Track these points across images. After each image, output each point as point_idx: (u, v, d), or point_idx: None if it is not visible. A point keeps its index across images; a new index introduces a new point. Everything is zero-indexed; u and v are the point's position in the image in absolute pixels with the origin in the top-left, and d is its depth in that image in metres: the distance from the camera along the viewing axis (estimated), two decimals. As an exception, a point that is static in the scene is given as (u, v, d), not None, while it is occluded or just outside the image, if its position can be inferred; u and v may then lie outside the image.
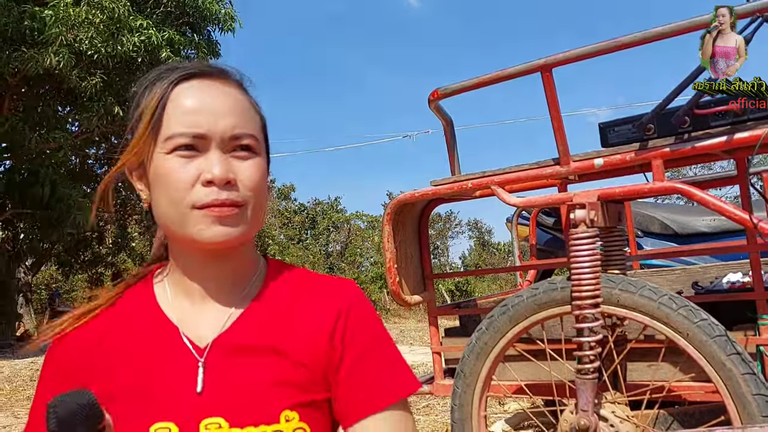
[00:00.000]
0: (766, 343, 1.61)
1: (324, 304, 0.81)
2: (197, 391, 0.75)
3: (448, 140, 1.99)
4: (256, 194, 0.78)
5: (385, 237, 1.97)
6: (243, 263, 0.83)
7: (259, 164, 0.79)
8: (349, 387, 0.78)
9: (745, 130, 1.40)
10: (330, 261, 22.80)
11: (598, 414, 1.59)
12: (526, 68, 1.54)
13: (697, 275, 2.30)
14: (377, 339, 0.81)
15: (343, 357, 0.78)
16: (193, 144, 0.75)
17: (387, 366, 0.80)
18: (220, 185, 0.74)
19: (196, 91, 0.77)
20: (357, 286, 0.86)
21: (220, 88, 0.79)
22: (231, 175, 0.75)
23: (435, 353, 2.14)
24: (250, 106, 0.81)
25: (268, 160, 0.85)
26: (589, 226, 1.53)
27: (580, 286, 1.53)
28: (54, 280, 18.66)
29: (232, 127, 0.76)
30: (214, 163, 0.74)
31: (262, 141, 0.81)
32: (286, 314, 0.80)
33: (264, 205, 0.81)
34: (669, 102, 1.45)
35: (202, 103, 0.76)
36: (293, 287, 0.84)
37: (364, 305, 0.83)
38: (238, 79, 0.83)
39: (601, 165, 1.56)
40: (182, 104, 0.76)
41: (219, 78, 0.80)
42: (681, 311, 1.49)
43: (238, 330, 0.79)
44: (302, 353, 0.78)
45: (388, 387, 0.78)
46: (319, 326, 0.79)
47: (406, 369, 0.82)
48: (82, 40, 9.04)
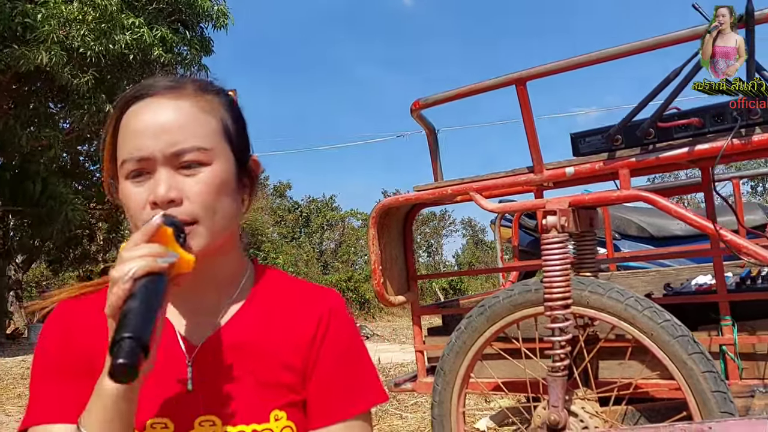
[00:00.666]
0: (728, 343, 1.70)
1: (307, 311, 0.85)
2: (188, 389, 0.79)
3: (431, 147, 2.07)
4: (208, 207, 0.76)
5: (370, 240, 2.05)
6: (224, 270, 0.85)
7: (210, 175, 0.77)
8: (319, 393, 0.82)
9: (706, 142, 1.49)
10: (324, 259, 22.86)
11: (568, 410, 1.68)
12: (501, 81, 1.62)
13: (670, 277, 2.39)
14: (350, 349, 0.85)
15: (317, 363, 0.82)
16: (141, 167, 0.76)
17: (357, 377, 0.85)
18: (162, 206, 0.74)
19: (142, 113, 0.77)
20: (339, 295, 0.90)
21: (167, 105, 0.78)
22: (174, 193, 0.75)
23: (418, 352, 2.22)
24: (202, 115, 0.79)
25: (240, 158, 0.83)
26: (560, 231, 1.61)
27: (551, 288, 1.61)
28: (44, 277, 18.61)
29: (172, 145, 0.75)
30: (158, 183, 0.75)
31: (219, 146, 0.79)
32: (274, 318, 0.84)
33: (227, 212, 0.80)
34: (635, 114, 1.54)
35: (145, 124, 0.76)
36: (280, 292, 0.87)
37: (342, 316, 0.86)
38: (194, 89, 0.81)
39: (572, 174, 1.65)
40: (129, 128, 0.77)
41: (169, 94, 0.79)
42: (646, 312, 1.58)
43: (229, 331, 0.82)
44: (288, 355, 0.82)
45: (354, 397, 0.83)
46: (302, 331, 0.83)
47: (375, 381, 0.87)
48: (74, 37, 9.06)
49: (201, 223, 0.76)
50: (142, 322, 0.61)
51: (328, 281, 17.63)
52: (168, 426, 0.77)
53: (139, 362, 0.59)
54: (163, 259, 0.68)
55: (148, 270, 0.66)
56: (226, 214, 0.79)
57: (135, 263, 0.66)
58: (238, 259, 0.88)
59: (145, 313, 0.63)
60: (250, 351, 0.81)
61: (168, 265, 0.68)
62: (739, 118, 1.43)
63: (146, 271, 0.66)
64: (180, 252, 0.71)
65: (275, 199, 25.17)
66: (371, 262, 2.05)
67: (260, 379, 0.80)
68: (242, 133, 0.86)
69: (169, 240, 0.71)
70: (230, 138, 0.82)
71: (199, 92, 0.81)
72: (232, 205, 0.81)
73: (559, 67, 1.54)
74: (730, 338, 1.69)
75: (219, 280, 0.85)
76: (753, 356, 1.70)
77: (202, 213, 0.76)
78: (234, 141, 0.82)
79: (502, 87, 1.64)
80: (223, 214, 0.79)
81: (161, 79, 0.81)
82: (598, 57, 1.48)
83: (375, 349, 7.77)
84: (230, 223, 0.82)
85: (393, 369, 5.98)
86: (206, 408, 0.78)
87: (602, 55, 1.47)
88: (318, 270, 20.39)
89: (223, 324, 0.83)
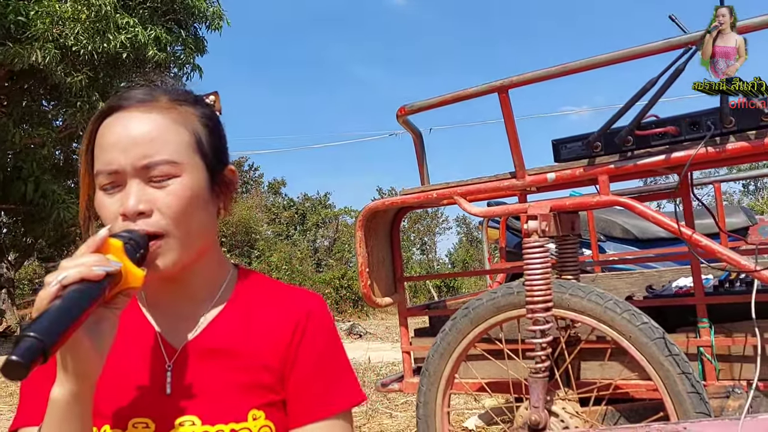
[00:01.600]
0: (705, 344, 1.74)
1: (286, 314, 0.87)
2: (167, 392, 0.82)
3: (417, 152, 2.10)
4: (178, 220, 0.77)
5: (357, 242, 2.08)
6: (203, 277, 0.87)
7: (180, 187, 0.78)
8: (298, 393, 0.85)
9: (682, 149, 1.53)
10: (317, 257, 22.86)
11: (549, 410, 1.72)
12: (484, 89, 1.65)
13: (653, 279, 2.44)
14: (328, 351, 0.88)
15: (295, 364, 0.85)
16: (112, 180, 0.77)
17: (334, 378, 0.88)
18: (132, 218, 0.75)
19: (114, 126, 0.79)
20: (320, 298, 0.92)
21: (139, 118, 0.79)
22: (142, 206, 0.76)
23: (405, 352, 2.26)
24: (174, 127, 0.80)
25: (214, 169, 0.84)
26: (542, 235, 1.65)
27: (532, 292, 1.65)
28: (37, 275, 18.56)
29: (141, 158, 0.76)
30: (128, 196, 0.76)
31: (190, 158, 0.80)
32: (254, 321, 0.87)
33: (199, 225, 0.80)
34: (614, 122, 1.57)
35: (115, 138, 0.78)
36: (261, 296, 0.90)
37: (320, 318, 0.89)
38: (167, 101, 0.82)
39: (554, 179, 1.69)
40: (102, 141, 0.79)
41: (141, 106, 0.80)
42: (624, 315, 1.62)
43: (209, 335, 0.85)
44: (267, 357, 0.85)
45: (332, 398, 0.86)
46: (281, 333, 0.86)
47: (353, 382, 0.89)
48: (67, 36, 9.04)
49: (171, 236, 0.77)
50: (52, 326, 0.60)
51: (322, 279, 17.64)
52: (149, 426, 0.80)
53: (33, 363, 0.57)
54: (100, 267, 0.66)
55: (80, 277, 0.65)
56: (198, 227, 0.80)
57: (69, 270, 0.65)
58: (217, 266, 0.89)
59: (59, 318, 0.61)
60: (229, 353, 0.84)
61: (105, 273, 0.67)
62: (712, 127, 1.47)
63: (78, 278, 0.65)
64: (128, 265, 0.71)
65: (269, 196, 25.18)
66: (358, 264, 2.09)
67: (239, 380, 0.83)
68: (217, 143, 0.86)
69: (117, 252, 0.71)
70: (202, 149, 0.82)
71: (171, 104, 0.82)
72: (204, 218, 0.82)
73: (539, 76, 1.58)
74: (707, 340, 1.73)
75: (198, 288, 0.87)
76: (729, 358, 1.74)
77: (173, 225, 0.77)
78: (207, 152, 0.83)
79: (485, 94, 1.67)
80: (195, 226, 0.80)
81: (135, 92, 0.82)
82: (576, 67, 1.52)
83: (367, 347, 7.81)
84: (203, 235, 0.83)
85: (384, 368, 6.02)
86: (185, 409, 0.81)
87: (580, 65, 1.51)
88: (312, 267, 20.39)
89: (203, 328, 0.86)
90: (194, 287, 0.86)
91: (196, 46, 11.11)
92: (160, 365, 0.83)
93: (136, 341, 0.85)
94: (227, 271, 0.91)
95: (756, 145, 1.47)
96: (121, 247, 0.71)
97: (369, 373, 5.75)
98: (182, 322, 0.86)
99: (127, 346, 0.84)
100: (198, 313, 0.87)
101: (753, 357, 1.60)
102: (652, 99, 1.47)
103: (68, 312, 0.62)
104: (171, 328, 0.86)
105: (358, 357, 6.47)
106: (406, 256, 21.43)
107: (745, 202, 25.13)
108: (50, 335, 0.59)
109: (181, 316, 0.86)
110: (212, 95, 0.95)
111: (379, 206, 2.04)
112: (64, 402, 0.70)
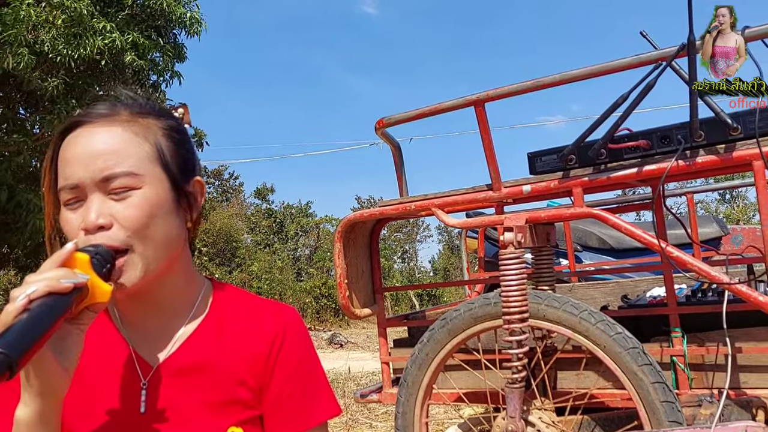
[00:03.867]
0: (678, 354, 1.77)
1: (262, 328, 0.87)
2: (141, 411, 0.80)
3: (396, 164, 2.12)
4: (140, 232, 0.77)
5: (335, 254, 2.09)
6: (173, 291, 0.86)
7: (140, 199, 0.77)
8: (275, 408, 0.85)
9: (653, 162, 1.56)
10: (298, 266, 22.77)
11: (525, 420, 1.73)
12: (461, 103, 1.68)
13: (628, 288, 2.48)
14: (304, 364, 0.89)
15: (272, 379, 0.85)
16: (74, 195, 0.77)
17: (311, 391, 0.88)
18: (92, 231, 0.75)
19: (75, 142, 0.79)
20: (294, 311, 0.92)
21: (99, 132, 0.79)
22: (102, 219, 0.75)
23: (384, 363, 2.26)
24: (134, 139, 0.80)
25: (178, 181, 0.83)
26: (518, 246, 1.67)
27: (508, 302, 1.67)
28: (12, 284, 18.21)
29: (100, 171, 0.76)
30: (88, 210, 0.76)
31: (151, 170, 0.79)
32: (229, 336, 0.86)
33: (164, 236, 0.79)
34: (587, 136, 1.60)
35: (76, 152, 0.77)
36: (236, 310, 0.89)
37: (296, 332, 0.89)
38: (128, 114, 0.82)
39: (529, 191, 1.71)
40: (64, 157, 0.79)
41: (102, 120, 0.80)
42: (599, 325, 1.64)
43: (185, 352, 0.84)
44: (244, 373, 0.84)
45: (309, 411, 0.87)
46: (257, 348, 0.86)
47: (329, 395, 0.90)
48: (43, 41, 8.93)
49: (134, 250, 0.76)
50: (19, 340, 0.59)
51: (303, 288, 17.56)
52: None
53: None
54: (68, 279, 0.66)
55: (48, 290, 0.64)
56: (161, 239, 0.79)
57: (36, 284, 0.64)
58: (188, 279, 0.88)
59: (26, 332, 0.60)
60: (206, 371, 0.83)
61: (72, 285, 0.66)
62: (683, 141, 1.51)
63: (46, 292, 0.64)
64: (95, 279, 0.70)
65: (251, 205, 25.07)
66: (337, 276, 2.09)
67: (216, 397, 0.82)
68: (183, 155, 0.86)
69: (83, 266, 0.70)
70: (165, 161, 0.82)
71: (133, 117, 0.82)
72: (168, 230, 0.81)
73: (515, 90, 1.60)
74: (680, 349, 1.76)
75: (168, 302, 0.86)
76: (702, 367, 1.77)
77: (134, 238, 0.76)
78: (170, 164, 0.82)
79: (462, 108, 1.69)
80: (158, 239, 0.79)
81: (97, 107, 0.82)
82: (550, 81, 1.54)
83: (347, 357, 7.78)
84: (169, 248, 0.81)
85: (365, 377, 6.01)
86: (160, 429, 0.80)
87: (554, 80, 1.53)
88: (292, 276, 20.30)
89: (179, 345, 0.85)
90: (164, 301, 0.85)
91: (174, 53, 11.04)
92: (134, 384, 0.82)
93: (110, 359, 0.84)
94: (200, 284, 0.90)
95: (724, 159, 1.51)
96: (87, 261, 0.70)
97: (349, 383, 5.74)
98: (157, 338, 0.85)
99: (101, 364, 0.83)
100: (172, 328, 0.86)
101: (724, 366, 1.63)
102: (624, 113, 1.50)
103: (35, 326, 0.61)
104: (146, 345, 0.85)
105: (339, 367, 6.45)
106: (387, 265, 21.43)
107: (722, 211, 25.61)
108: (17, 350, 0.58)
109: (154, 333, 0.86)
110: (181, 108, 0.95)
111: (358, 218, 2.05)
112: (29, 422, 0.69)
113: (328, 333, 11.43)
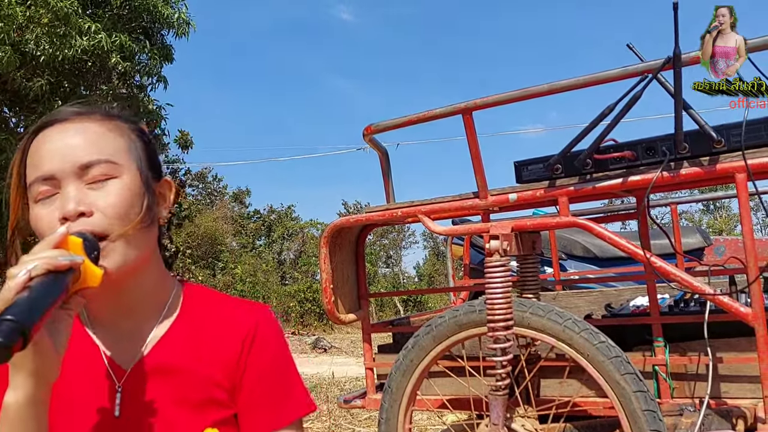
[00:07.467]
0: (660, 363, 1.79)
1: (234, 327, 0.87)
2: (115, 415, 0.80)
3: (383, 170, 2.12)
4: (121, 219, 0.77)
5: (321, 259, 2.08)
6: (145, 291, 0.85)
7: (120, 186, 0.78)
8: (249, 407, 0.85)
9: (638, 173, 1.58)
10: (283, 269, 22.68)
11: (508, 427, 1.73)
12: (448, 111, 1.68)
13: (612, 297, 2.50)
14: (277, 362, 0.89)
15: (245, 377, 0.85)
16: (48, 187, 0.76)
17: (284, 388, 0.88)
18: (72, 219, 0.74)
19: (50, 137, 0.79)
20: (267, 309, 0.92)
21: (74, 127, 0.79)
22: (83, 207, 0.75)
23: (368, 369, 2.26)
24: (110, 134, 0.81)
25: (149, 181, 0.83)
26: (503, 255, 1.67)
27: (493, 310, 1.67)
28: (-8, 284, 17.94)
29: (80, 157, 0.76)
30: (66, 198, 0.75)
31: (127, 163, 0.80)
32: (201, 337, 0.86)
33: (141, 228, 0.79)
34: (573, 146, 1.62)
35: (51, 146, 0.77)
36: (208, 311, 0.89)
37: (268, 329, 0.89)
38: (102, 114, 0.83)
39: (515, 200, 1.72)
40: (35, 153, 0.78)
41: (76, 119, 0.80)
42: (582, 334, 1.65)
43: (158, 354, 0.84)
44: (218, 373, 0.84)
45: (283, 408, 0.87)
46: (229, 347, 0.86)
47: (302, 392, 0.90)
48: (28, 40, 8.84)
49: (114, 237, 0.76)
50: (28, 310, 0.59)
51: (287, 291, 17.48)
52: None
53: (14, 345, 0.56)
54: (65, 257, 0.66)
55: (47, 268, 0.65)
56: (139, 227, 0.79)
57: (35, 262, 0.65)
58: (159, 280, 0.88)
59: (33, 304, 0.61)
60: (180, 372, 0.83)
61: (70, 262, 0.66)
62: (667, 153, 1.53)
63: (45, 269, 0.64)
64: (87, 262, 0.70)
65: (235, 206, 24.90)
66: (322, 281, 2.08)
67: (191, 399, 0.82)
68: (152, 156, 0.87)
69: (76, 249, 0.70)
70: (138, 158, 0.83)
71: (106, 117, 0.83)
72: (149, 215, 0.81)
73: (502, 99, 1.61)
74: (662, 359, 1.78)
75: (139, 302, 0.85)
76: (684, 376, 1.79)
77: (116, 224, 0.76)
78: (143, 161, 0.84)
79: (450, 116, 1.70)
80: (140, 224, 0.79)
81: (70, 108, 0.83)
82: (538, 91, 1.56)
83: (331, 362, 7.76)
84: (145, 240, 0.81)
85: (348, 383, 5.99)
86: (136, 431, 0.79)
87: (542, 90, 1.55)
88: (276, 280, 20.21)
89: (152, 347, 0.84)
90: (136, 302, 0.85)
91: (162, 54, 10.96)
92: (108, 387, 0.82)
93: (82, 363, 0.83)
94: (171, 286, 0.90)
95: (708, 171, 1.53)
96: (80, 243, 0.71)
97: (333, 388, 5.72)
98: (128, 340, 0.85)
99: (73, 368, 0.82)
100: (144, 330, 0.85)
101: (706, 375, 1.65)
102: (610, 124, 1.52)
103: (41, 299, 0.62)
104: (117, 348, 0.84)
105: (323, 372, 6.43)
106: (372, 270, 21.42)
107: (705, 221, 25.93)
108: (27, 319, 0.58)
109: (126, 334, 0.85)
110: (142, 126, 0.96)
111: (344, 224, 2.05)
112: (19, 406, 0.68)
113: (312, 337, 11.38)
